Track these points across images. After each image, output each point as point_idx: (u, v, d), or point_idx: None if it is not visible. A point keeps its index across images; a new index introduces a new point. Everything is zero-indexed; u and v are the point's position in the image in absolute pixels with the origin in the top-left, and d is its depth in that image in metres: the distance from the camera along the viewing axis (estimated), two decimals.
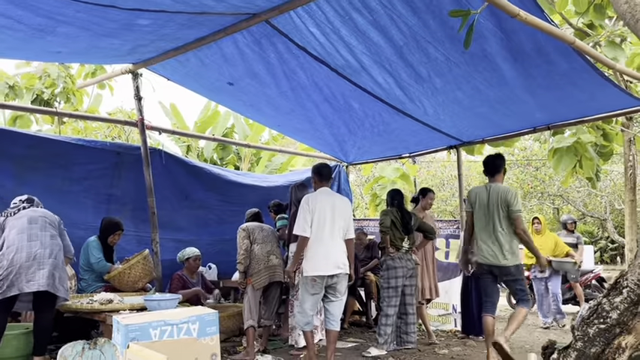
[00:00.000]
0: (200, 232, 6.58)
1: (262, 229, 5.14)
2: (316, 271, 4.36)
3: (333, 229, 4.43)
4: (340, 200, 4.61)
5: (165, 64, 5.05)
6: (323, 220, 4.41)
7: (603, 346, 2.03)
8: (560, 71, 4.23)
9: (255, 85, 5.33)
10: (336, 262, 4.40)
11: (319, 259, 4.37)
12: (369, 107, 5.70)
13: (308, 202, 4.46)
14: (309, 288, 4.41)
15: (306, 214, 4.41)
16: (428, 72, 4.59)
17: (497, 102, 5.15)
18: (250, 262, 4.99)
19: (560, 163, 7.01)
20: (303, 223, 4.40)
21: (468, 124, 6.11)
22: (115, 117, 9.42)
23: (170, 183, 6.25)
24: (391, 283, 5.29)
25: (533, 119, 5.82)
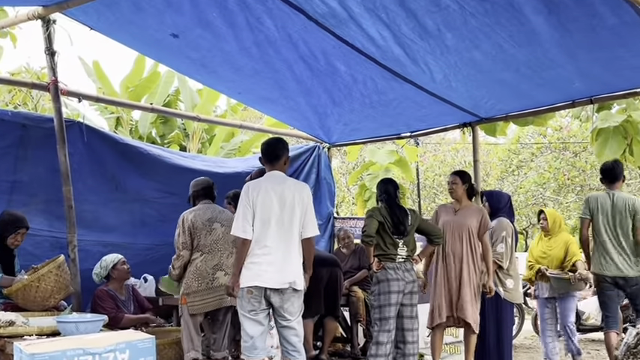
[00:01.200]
0: (135, 234, 6.55)
1: (212, 228, 5.11)
2: (253, 281, 4.33)
3: (282, 226, 4.39)
4: (294, 187, 4.54)
5: (87, 7, 4.96)
6: (267, 215, 4.38)
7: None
8: (607, 27, 4.28)
9: (209, 38, 5.29)
10: (284, 273, 4.34)
11: (260, 267, 4.34)
12: (358, 70, 5.70)
13: (247, 193, 4.44)
14: (244, 304, 4.37)
15: (245, 209, 4.39)
16: (436, 24, 4.60)
17: (526, 66, 5.20)
18: (187, 275, 5.01)
19: (606, 148, 7.15)
20: (242, 221, 4.38)
21: (487, 94, 6.16)
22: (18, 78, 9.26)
23: (94, 167, 6.19)
24: (383, 301, 5.27)
25: (571, 90, 5.90)
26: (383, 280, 5.29)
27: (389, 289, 5.27)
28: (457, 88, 5.94)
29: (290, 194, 4.44)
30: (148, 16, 5.06)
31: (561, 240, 6.54)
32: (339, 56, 5.45)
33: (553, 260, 6.47)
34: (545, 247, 6.53)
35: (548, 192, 19.10)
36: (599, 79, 5.57)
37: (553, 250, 6.49)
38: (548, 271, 6.39)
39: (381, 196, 5.53)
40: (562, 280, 6.35)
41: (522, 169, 19.11)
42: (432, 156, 20.25)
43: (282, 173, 4.58)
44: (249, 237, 4.34)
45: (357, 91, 6.24)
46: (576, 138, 17.97)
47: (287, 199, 4.42)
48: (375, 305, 5.36)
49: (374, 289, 5.38)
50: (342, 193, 19.68)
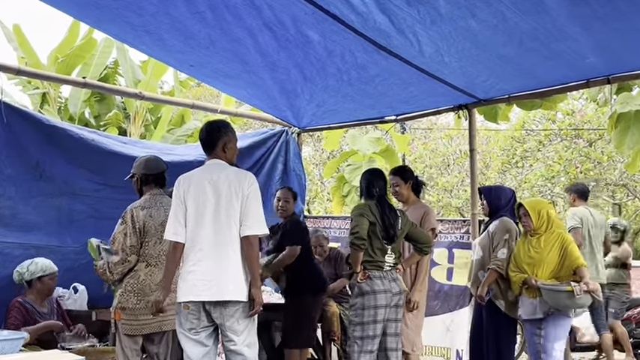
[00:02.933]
0: (63, 234, 6.52)
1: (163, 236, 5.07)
2: (187, 294, 4.35)
3: (219, 224, 4.38)
4: (233, 175, 4.51)
5: None
6: (201, 212, 4.39)
7: None
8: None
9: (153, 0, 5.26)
10: (222, 281, 4.33)
11: (195, 276, 4.34)
12: (335, 41, 5.70)
13: (178, 187, 4.50)
14: (183, 321, 4.40)
15: (177, 206, 4.44)
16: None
17: (532, 38, 5.24)
18: (124, 287, 4.99)
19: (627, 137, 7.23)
20: (173, 221, 4.43)
21: (486, 71, 6.21)
22: None
23: (14, 153, 6.15)
24: (368, 317, 5.29)
25: (585, 67, 5.95)
26: (368, 292, 5.31)
27: (375, 302, 5.30)
28: (451, 64, 5.98)
29: (226, 184, 4.43)
30: None
31: (555, 239, 5.75)
32: (312, 24, 5.44)
33: (544, 267, 5.69)
34: (532, 250, 5.75)
35: (557, 187, 19.21)
36: (618, 55, 5.63)
37: (543, 254, 5.71)
38: (538, 282, 5.58)
39: (369, 192, 5.53)
40: (560, 294, 5.46)
41: (527, 160, 19.24)
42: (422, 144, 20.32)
43: (223, 161, 4.59)
44: (180, 240, 4.38)
45: (332, 66, 6.24)
46: (591, 124, 18.10)
47: (223, 191, 4.41)
48: (357, 322, 5.36)
49: (355, 302, 5.38)
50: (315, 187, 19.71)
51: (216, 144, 4.60)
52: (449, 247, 7.11)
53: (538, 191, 19.33)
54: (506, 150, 19.56)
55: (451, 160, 19.77)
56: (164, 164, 5.45)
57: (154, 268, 5.06)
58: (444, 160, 19.93)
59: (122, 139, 7.83)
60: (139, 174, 5.32)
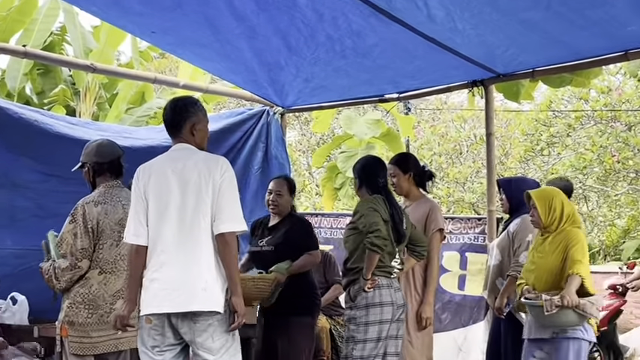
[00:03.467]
0: (0, 235, 6.53)
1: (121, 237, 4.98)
2: (149, 306, 4.27)
3: (185, 221, 4.29)
4: (203, 162, 4.41)
5: None
6: (164, 207, 4.32)
7: None
8: None
9: None
10: (189, 289, 4.24)
11: (159, 284, 4.27)
12: (325, 4, 5.72)
13: (137, 179, 4.44)
14: (145, 337, 4.32)
15: (136, 202, 4.38)
16: None
17: (561, 1, 5.25)
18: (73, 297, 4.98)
19: None
20: (133, 220, 4.37)
21: (506, 40, 6.23)
22: None
23: None
24: (372, 334, 5.32)
25: (624, 36, 5.97)
26: (375, 304, 5.35)
27: (381, 316, 5.35)
28: (465, 31, 5.98)
29: (195, 173, 4.33)
30: None
31: (561, 240, 5.43)
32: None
33: (542, 274, 5.42)
34: (536, 253, 5.54)
35: (590, 179, 19.25)
36: None
37: (546, 259, 5.44)
38: (524, 296, 5.37)
39: (373, 184, 5.56)
40: (537, 309, 5.22)
41: (555, 146, 19.24)
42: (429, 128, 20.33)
43: (191, 146, 4.50)
44: (142, 242, 4.30)
45: (323, 34, 6.24)
46: (631, 104, 18.11)
47: (190, 181, 4.31)
48: (359, 339, 5.36)
49: (358, 315, 5.39)
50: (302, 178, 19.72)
51: (183, 125, 4.49)
52: (461, 251, 7.11)
53: None
54: (529, 135, 19.50)
55: (464, 146, 19.78)
56: (120, 149, 5.41)
57: (109, 275, 5.04)
58: (455, 146, 19.92)
59: (71, 120, 7.81)
60: (91, 162, 5.24)
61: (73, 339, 4.94)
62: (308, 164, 19.07)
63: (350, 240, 5.56)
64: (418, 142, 19.41)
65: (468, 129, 19.76)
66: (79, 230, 4.98)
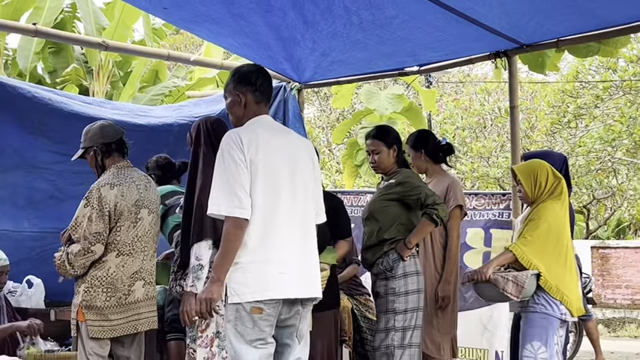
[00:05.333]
0: (17, 217, 6.55)
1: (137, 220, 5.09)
2: (266, 293, 3.96)
3: (296, 205, 4.13)
4: (305, 145, 4.36)
5: None
6: (275, 185, 4.06)
7: None
8: None
9: None
10: (307, 274, 4.14)
11: (271, 268, 4.00)
12: None
13: (241, 148, 4.00)
14: (246, 329, 3.97)
15: (238, 171, 3.97)
16: None
17: None
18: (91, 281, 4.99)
19: None
20: (233, 190, 3.96)
21: (531, 9, 6.18)
22: None
23: None
24: (411, 303, 5.47)
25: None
26: (412, 272, 5.51)
27: (418, 285, 5.52)
28: (487, 1, 5.97)
29: (304, 154, 4.27)
30: None
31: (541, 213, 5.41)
32: None
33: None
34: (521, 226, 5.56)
35: (619, 152, 19.18)
36: None
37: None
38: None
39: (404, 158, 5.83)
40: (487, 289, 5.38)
41: (582, 118, 19.16)
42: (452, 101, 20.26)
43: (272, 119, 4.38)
44: (248, 216, 3.95)
45: (340, 6, 6.21)
46: None
47: (300, 162, 4.20)
48: (399, 309, 5.46)
49: (396, 285, 5.49)
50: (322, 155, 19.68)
51: (271, 96, 4.41)
52: (485, 227, 7.11)
53: (596, 157, 19.25)
54: (555, 107, 19.41)
55: (488, 120, 19.71)
56: (122, 128, 5.38)
57: (126, 257, 5.04)
58: (479, 120, 19.84)
59: (85, 99, 7.82)
60: (97, 145, 5.18)
61: (91, 322, 4.94)
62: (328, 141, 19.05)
63: (387, 211, 5.61)
64: (441, 117, 19.31)
65: (492, 102, 19.66)
66: (94, 214, 4.94)
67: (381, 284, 5.57)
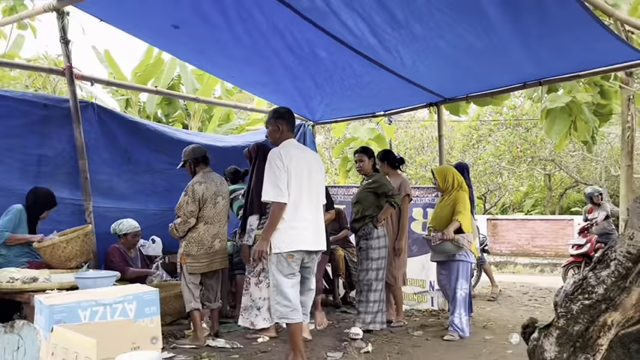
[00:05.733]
0: (146, 201, 6.48)
1: (216, 203, 5.06)
2: (295, 246, 4.03)
3: (311, 193, 4.17)
4: (315, 157, 4.37)
5: (96, 1, 4.87)
6: (300, 181, 4.07)
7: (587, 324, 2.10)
8: (554, 18, 4.27)
9: (205, 28, 5.21)
10: (319, 235, 4.19)
11: (299, 232, 4.06)
12: (338, 57, 5.65)
13: (281, 158, 4.03)
14: (284, 268, 4.04)
15: (280, 173, 4.00)
16: (406, 16, 4.56)
17: (484, 53, 5.17)
18: (188, 239, 4.98)
19: (554, 126, 7.16)
20: (277, 185, 4.00)
21: (450, 77, 6.14)
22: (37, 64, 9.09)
23: (108, 143, 6.09)
24: (382, 252, 5.50)
25: (523, 73, 5.89)
26: (382, 235, 5.50)
27: (385, 242, 5.52)
28: (424, 73, 5.92)
29: (314, 163, 4.27)
30: (152, 9, 4.97)
31: (452, 199, 5.46)
32: (322, 45, 5.40)
33: (442, 221, 5.44)
34: (438, 207, 5.59)
35: (503, 162, 19.20)
36: (548, 64, 5.55)
37: (443, 210, 5.48)
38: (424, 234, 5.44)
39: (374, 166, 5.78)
40: (427, 242, 5.52)
41: (481, 142, 19.16)
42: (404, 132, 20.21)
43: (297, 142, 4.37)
44: (286, 201, 4.00)
45: (337, 76, 6.19)
46: (528, 115, 18.03)
47: (313, 168, 4.22)
48: (374, 257, 5.46)
49: (373, 243, 5.47)
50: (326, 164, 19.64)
51: (294, 128, 4.38)
52: (424, 207, 7.05)
53: (489, 166, 19.29)
54: (465, 135, 19.43)
55: (425, 143, 19.66)
56: (204, 149, 5.31)
57: (209, 225, 5.02)
58: (420, 143, 19.82)
59: (186, 131, 7.82)
60: (191, 159, 5.19)
61: (189, 264, 4.94)
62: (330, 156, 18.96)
63: (367, 198, 5.54)
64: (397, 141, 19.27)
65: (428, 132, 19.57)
66: (189, 200, 4.94)
67: (363, 242, 5.53)
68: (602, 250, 2.15)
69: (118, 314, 1.95)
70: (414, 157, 19.46)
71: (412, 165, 19.14)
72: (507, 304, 7.49)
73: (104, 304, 1.95)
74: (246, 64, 6.05)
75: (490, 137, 18.94)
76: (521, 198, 22.87)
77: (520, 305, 7.35)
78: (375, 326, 5.43)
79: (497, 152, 18.87)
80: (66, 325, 1.84)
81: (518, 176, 20.73)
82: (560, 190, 21.99)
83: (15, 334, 1.74)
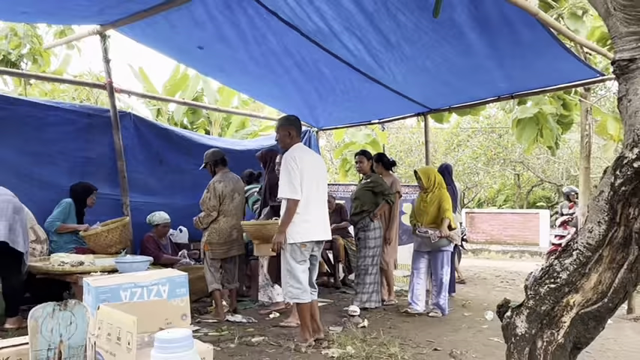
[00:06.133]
0: (174, 196, 6.48)
1: (233, 199, 5.06)
2: (308, 237, 3.97)
3: (319, 190, 4.09)
4: (319, 159, 4.31)
5: (133, 25, 4.88)
6: (310, 180, 3.99)
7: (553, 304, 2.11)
8: (524, 41, 4.26)
9: (226, 49, 5.21)
10: (326, 227, 4.14)
11: (311, 224, 3.98)
12: (339, 73, 5.65)
13: (295, 161, 3.95)
14: (297, 255, 3.97)
15: (294, 173, 3.92)
16: (397, 39, 4.56)
17: (464, 70, 5.17)
18: (210, 230, 4.97)
19: (523, 133, 7.14)
20: (292, 183, 3.91)
21: (435, 91, 6.13)
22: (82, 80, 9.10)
23: (143, 147, 6.12)
24: (378, 241, 5.48)
25: (497, 88, 5.88)
26: (377, 227, 5.47)
27: (380, 233, 5.49)
28: (413, 87, 5.92)
29: (319, 164, 4.19)
30: (180, 32, 4.98)
31: (437, 197, 5.30)
32: (325, 63, 5.40)
33: (430, 217, 5.30)
34: (422, 203, 5.39)
35: (479, 164, 19.13)
36: (519, 80, 5.55)
37: (428, 207, 5.31)
38: (417, 229, 5.32)
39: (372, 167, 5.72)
40: (425, 238, 5.27)
41: (461, 146, 19.13)
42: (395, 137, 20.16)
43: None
44: (300, 197, 3.91)
45: (338, 89, 6.19)
46: (501, 124, 17.99)
47: (318, 168, 4.14)
48: (371, 245, 5.43)
49: (370, 234, 5.44)
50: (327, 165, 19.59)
51: (301, 133, 4.27)
52: (412, 202, 7.00)
53: (467, 167, 19.23)
54: (447, 141, 19.39)
55: (413, 147, 19.61)
56: (223, 152, 5.30)
57: (228, 218, 5.01)
58: (408, 147, 19.77)
59: (208, 137, 7.82)
60: (211, 161, 5.17)
61: (211, 250, 4.95)
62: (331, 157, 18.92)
63: (365, 195, 5.49)
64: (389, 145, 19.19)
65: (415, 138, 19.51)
66: (211, 196, 4.94)
67: (361, 233, 5.52)
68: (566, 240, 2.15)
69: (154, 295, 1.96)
70: (404, 158, 19.41)
71: (402, 165, 19.09)
72: (482, 285, 7.48)
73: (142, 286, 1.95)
74: (260, 79, 6.05)
75: (468, 142, 18.91)
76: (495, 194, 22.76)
77: (493, 287, 7.35)
78: (371, 304, 5.42)
79: (474, 155, 18.81)
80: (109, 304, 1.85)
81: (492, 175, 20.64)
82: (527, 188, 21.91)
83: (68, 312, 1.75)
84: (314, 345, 4.00)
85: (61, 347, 1.77)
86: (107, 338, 1.73)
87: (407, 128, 20.42)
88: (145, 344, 1.87)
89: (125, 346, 1.65)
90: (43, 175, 5.19)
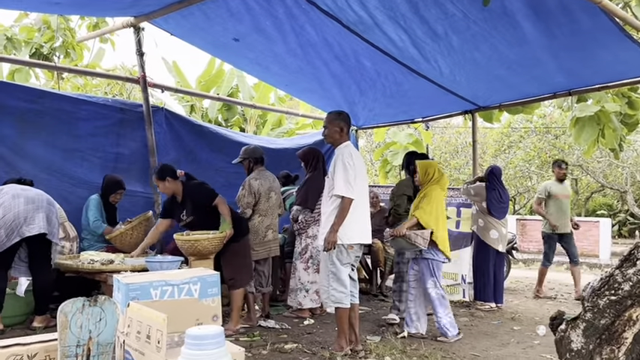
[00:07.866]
0: None
1: (269, 198, 5.10)
2: (358, 239, 3.97)
3: (365, 191, 4.12)
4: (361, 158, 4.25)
5: (168, 17, 5.00)
6: (362, 180, 3.99)
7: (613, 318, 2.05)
8: (584, 31, 4.14)
9: (262, 41, 5.27)
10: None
11: (360, 226, 3.99)
12: (381, 66, 5.63)
13: (351, 157, 3.93)
14: (343, 257, 3.94)
15: (351, 170, 3.89)
16: (444, 29, 4.51)
17: (517, 64, 5.07)
18: None
19: (582, 134, 6.92)
20: (348, 181, 3.87)
21: (485, 87, 6.03)
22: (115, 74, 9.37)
23: (176, 143, 6.21)
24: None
25: (553, 83, 5.74)
26: None
27: None
28: (461, 82, 5.83)
29: (364, 165, 4.17)
30: (215, 24, 5.06)
31: (423, 192, 4.80)
32: (366, 55, 5.38)
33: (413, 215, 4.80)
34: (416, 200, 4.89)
35: (532, 167, 18.71)
36: (577, 75, 5.40)
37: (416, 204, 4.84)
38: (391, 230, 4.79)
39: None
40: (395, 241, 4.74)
41: (512, 148, 18.73)
42: (440, 137, 19.92)
43: None
44: (354, 197, 3.89)
45: (379, 83, 6.16)
46: (557, 124, 17.53)
47: (364, 168, 4.14)
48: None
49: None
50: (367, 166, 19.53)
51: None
52: (457, 207, 6.92)
53: (519, 170, 18.83)
54: (498, 141, 19.05)
55: (459, 148, 19.34)
56: (262, 150, 5.34)
57: (263, 217, 5.07)
58: (454, 148, 19.53)
59: (243, 134, 7.89)
60: (252, 158, 5.20)
61: None
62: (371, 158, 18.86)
63: None
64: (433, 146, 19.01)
65: (462, 138, 19.26)
66: (246, 194, 5.01)
67: None
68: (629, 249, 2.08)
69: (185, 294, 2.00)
70: (449, 160, 19.18)
71: (447, 168, 18.86)
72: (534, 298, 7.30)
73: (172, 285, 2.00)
74: (298, 73, 6.08)
75: (521, 143, 18.50)
76: None
77: (546, 299, 7.15)
78: None
79: (527, 157, 18.40)
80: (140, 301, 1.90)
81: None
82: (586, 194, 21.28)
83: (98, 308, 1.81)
84: (350, 354, 3.99)
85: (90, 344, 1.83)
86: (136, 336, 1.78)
87: (453, 128, 20.16)
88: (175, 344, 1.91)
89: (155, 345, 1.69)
90: (74, 172, 5.34)
